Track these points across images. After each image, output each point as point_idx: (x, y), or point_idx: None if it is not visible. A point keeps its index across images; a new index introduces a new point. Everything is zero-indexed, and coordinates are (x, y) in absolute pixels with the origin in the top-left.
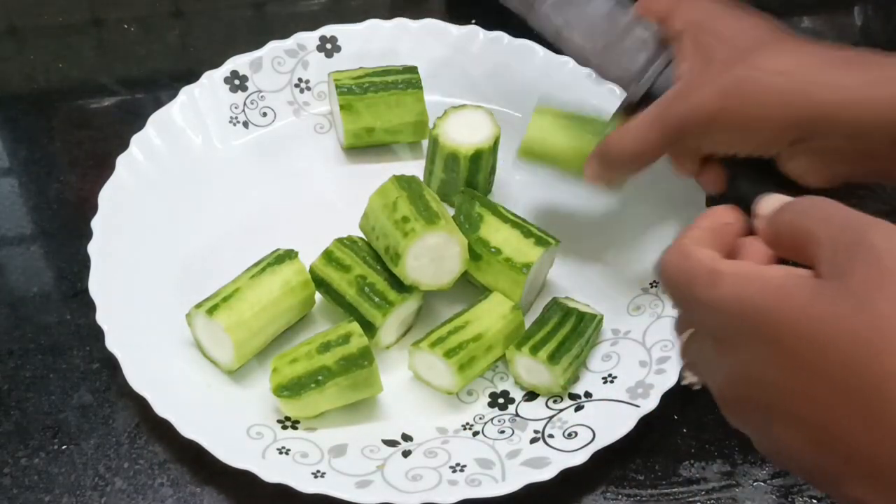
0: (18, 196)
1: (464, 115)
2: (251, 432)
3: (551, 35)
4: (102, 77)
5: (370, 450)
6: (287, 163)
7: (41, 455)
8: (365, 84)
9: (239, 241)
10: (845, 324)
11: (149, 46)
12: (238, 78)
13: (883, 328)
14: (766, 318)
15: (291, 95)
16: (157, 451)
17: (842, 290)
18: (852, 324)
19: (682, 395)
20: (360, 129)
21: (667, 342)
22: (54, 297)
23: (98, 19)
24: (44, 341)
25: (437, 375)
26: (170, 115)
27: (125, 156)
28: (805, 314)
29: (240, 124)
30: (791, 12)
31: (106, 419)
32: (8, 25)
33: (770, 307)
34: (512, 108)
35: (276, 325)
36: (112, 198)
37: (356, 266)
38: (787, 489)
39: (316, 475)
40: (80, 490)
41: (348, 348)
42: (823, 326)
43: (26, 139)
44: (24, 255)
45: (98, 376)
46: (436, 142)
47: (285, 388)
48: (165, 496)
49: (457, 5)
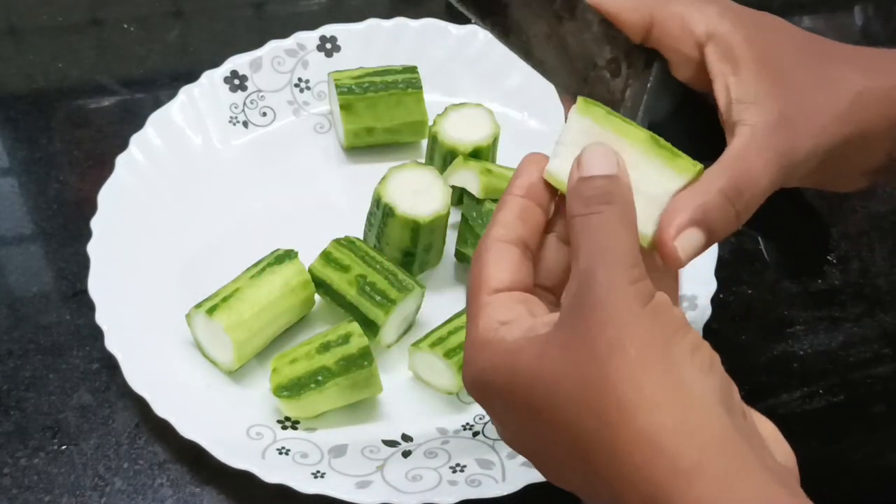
0: (18, 196)
1: (463, 113)
2: (251, 432)
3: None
4: (102, 77)
5: (370, 450)
6: (287, 163)
7: (41, 455)
8: (365, 84)
9: (239, 241)
10: (568, 384)
11: (149, 46)
12: (238, 78)
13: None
14: (505, 387)
15: (291, 95)
16: (157, 452)
17: (567, 345)
18: (574, 383)
19: None
20: (360, 129)
21: None
22: (54, 297)
23: (98, 19)
24: (43, 341)
25: (437, 375)
26: (169, 114)
27: (125, 156)
28: (535, 378)
29: (239, 124)
30: (791, 12)
31: (106, 419)
32: (8, 25)
33: (505, 375)
34: (512, 108)
35: (276, 326)
36: (112, 198)
37: (355, 266)
38: None
39: (316, 475)
40: (80, 490)
41: (348, 348)
42: (552, 387)
43: (26, 139)
44: (23, 255)
45: (98, 376)
46: (435, 139)
47: (285, 389)
48: (165, 496)
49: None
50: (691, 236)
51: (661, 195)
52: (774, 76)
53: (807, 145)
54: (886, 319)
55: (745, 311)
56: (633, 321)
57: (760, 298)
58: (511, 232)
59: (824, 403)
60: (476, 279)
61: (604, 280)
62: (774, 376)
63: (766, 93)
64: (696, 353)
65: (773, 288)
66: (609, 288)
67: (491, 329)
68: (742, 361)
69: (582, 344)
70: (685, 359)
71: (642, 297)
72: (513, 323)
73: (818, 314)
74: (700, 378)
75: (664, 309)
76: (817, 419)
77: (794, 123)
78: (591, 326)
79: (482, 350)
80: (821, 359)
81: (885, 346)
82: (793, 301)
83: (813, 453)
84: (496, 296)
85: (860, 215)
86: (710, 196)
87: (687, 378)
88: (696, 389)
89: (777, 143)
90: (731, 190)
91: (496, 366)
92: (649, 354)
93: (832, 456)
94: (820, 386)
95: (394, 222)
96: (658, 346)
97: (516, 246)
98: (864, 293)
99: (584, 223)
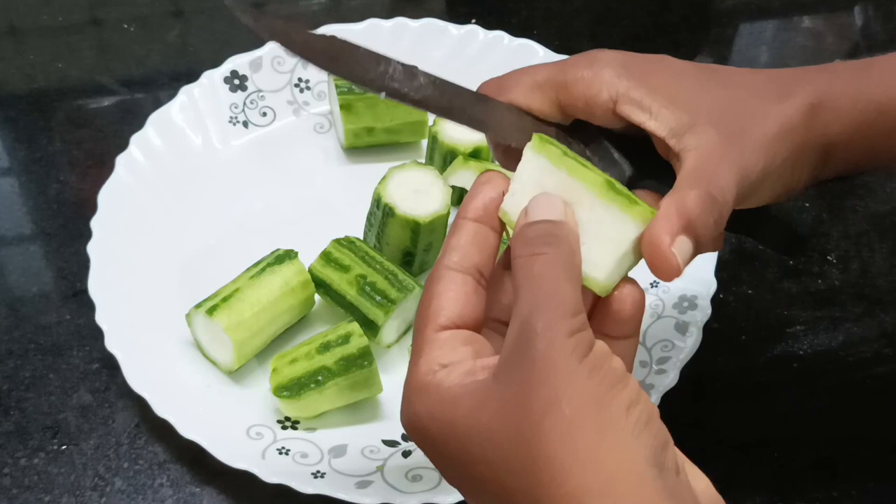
0: (18, 196)
1: None
2: (251, 432)
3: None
4: (102, 77)
5: (370, 450)
6: (287, 163)
7: (41, 455)
8: None
9: (239, 241)
10: (501, 440)
11: (148, 46)
12: (238, 78)
13: (531, 445)
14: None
15: (291, 95)
16: (157, 452)
17: (503, 399)
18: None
19: (682, 395)
20: (360, 129)
21: (667, 342)
22: (54, 297)
23: (97, 19)
24: (43, 341)
25: None
26: (169, 114)
27: (125, 155)
28: (470, 431)
29: (239, 124)
30: (791, 12)
31: (106, 419)
32: (8, 25)
33: (440, 424)
34: None
35: (276, 326)
36: (112, 198)
37: (355, 266)
38: (788, 490)
39: (316, 475)
40: (80, 490)
41: (348, 348)
42: (485, 442)
43: (26, 139)
44: (23, 255)
45: (98, 376)
46: (435, 139)
47: (285, 389)
48: (165, 496)
49: (457, 5)
50: (683, 244)
51: (616, 241)
52: (693, 109)
53: (757, 162)
54: (886, 319)
55: (745, 311)
56: (570, 378)
57: (760, 298)
58: (465, 259)
59: (824, 403)
60: (425, 310)
61: (543, 332)
62: (774, 376)
63: (694, 122)
64: (631, 409)
65: (773, 288)
66: (548, 341)
67: (430, 372)
68: (742, 361)
69: (518, 400)
70: (620, 417)
71: (581, 351)
72: (453, 366)
73: (818, 314)
74: (633, 438)
75: (602, 362)
76: (817, 419)
77: (736, 142)
78: (528, 382)
79: (420, 394)
80: (821, 359)
81: (885, 346)
82: (793, 301)
83: (813, 453)
84: (441, 333)
85: (860, 215)
86: (690, 203)
87: (620, 437)
88: (628, 449)
89: (731, 156)
90: (707, 197)
91: (432, 413)
92: (583, 414)
93: (832, 456)
94: (820, 386)
95: (394, 222)
96: (593, 405)
97: (469, 275)
98: (864, 293)
99: (527, 266)
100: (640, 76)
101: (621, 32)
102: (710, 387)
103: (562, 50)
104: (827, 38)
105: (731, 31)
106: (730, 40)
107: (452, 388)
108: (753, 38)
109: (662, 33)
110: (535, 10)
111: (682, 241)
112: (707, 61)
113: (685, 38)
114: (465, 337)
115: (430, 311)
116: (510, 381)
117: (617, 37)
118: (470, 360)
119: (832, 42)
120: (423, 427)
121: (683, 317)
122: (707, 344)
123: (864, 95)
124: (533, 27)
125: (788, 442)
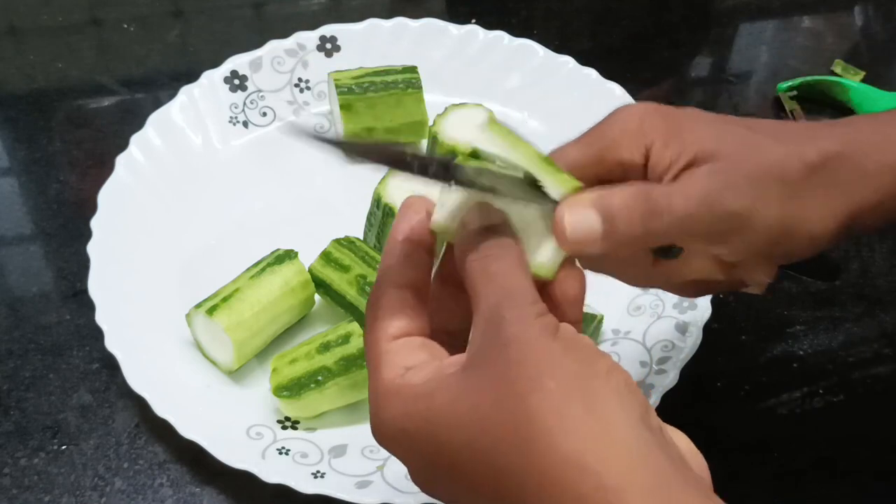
0: (18, 196)
1: (463, 113)
2: (251, 433)
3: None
4: (102, 77)
5: (370, 450)
6: (287, 163)
7: (41, 455)
8: (365, 84)
9: (239, 241)
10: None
11: (148, 46)
12: (238, 78)
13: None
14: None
15: (291, 95)
16: (157, 452)
17: (483, 385)
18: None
19: (682, 395)
20: (360, 129)
21: (667, 342)
22: (54, 297)
23: (97, 19)
24: (43, 341)
25: None
26: (169, 114)
27: (125, 155)
28: (452, 420)
29: (239, 124)
30: (791, 12)
31: (106, 419)
32: (8, 25)
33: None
34: (512, 108)
35: (276, 326)
36: (112, 198)
37: (355, 266)
38: (789, 489)
39: (316, 475)
40: (80, 490)
41: (348, 348)
42: (471, 428)
43: (26, 139)
44: (23, 255)
45: (98, 376)
46: (434, 139)
47: (285, 389)
48: (165, 496)
49: (457, 5)
50: (586, 216)
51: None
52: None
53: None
54: (886, 319)
55: (745, 311)
56: (548, 354)
57: (760, 298)
58: (401, 276)
59: (824, 403)
60: (372, 328)
61: (512, 318)
62: (774, 376)
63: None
64: (610, 376)
65: (773, 288)
66: (519, 325)
67: (397, 375)
68: (742, 361)
69: (500, 383)
70: (601, 384)
71: (551, 330)
72: (418, 367)
73: (818, 314)
74: (618, 400)
75: (573, 338)
76: (817, 419)
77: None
78: (506, 364)
79: (391, 398)
80: (821, 359)
81: (885, 346)
82: (793, 301)
83: (813, 453)
84: (396, 342)
85: None
86: (619, 190)
87: (606, 401)
88: (615, 411)
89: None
90: (643, 193)
91: (408, 412)
92: (568, 384)
93: (832, 456)
94: (820, 386)
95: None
96: (574, 376)
97: (408, 290)
98: (864, 293)
99: (481, 267)
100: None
101: (621, 32)
102: (710, 387)
103: (562, 50)
104: (827, 38)
105: (731, 31)
106: (730, 40)
107: (425, 383)
108: (753, 38)
109: (662, 33)
110: (535, 10)
111: (586, 214)
112: (707, 61)
113: (685, 38)
114: (419, 342)
115: (378, 325)
116: (486, 368)
117: (617, 37)
118: (432, 361)
119: (832, 42)
120: (401, 429)
121: (683, 317)
122: (707, 344)
123: (891, 157)
124: (533, 27)
125: (788, 442)
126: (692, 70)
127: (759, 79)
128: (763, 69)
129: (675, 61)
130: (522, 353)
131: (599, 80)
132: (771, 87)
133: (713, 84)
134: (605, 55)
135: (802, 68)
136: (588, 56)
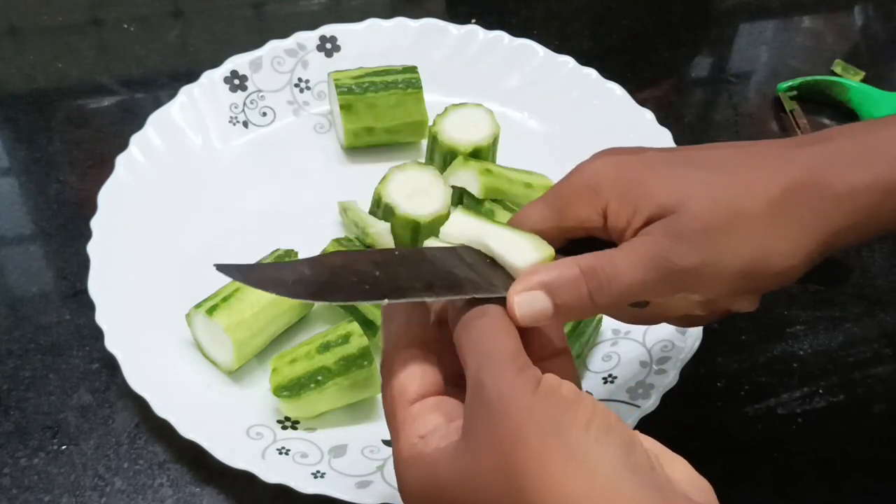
0: (18, 196)
1: (463, 113)
2: (251, 433)
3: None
4: (102, 77)
5: (370, 450)
6: (287, 163)
7: (41, 455)
8: (365, 84)
9: (239, 241)
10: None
11: (148, 46)
12: (238, 78)
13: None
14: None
15: (291, 95)
16: (157, 452)
17: (475, 449)
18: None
19: (682, 395)
20: (360, 128)
21: (667, 342)
22: (54, 297)
23: (97, 19)
24: (43, 341)
25: None
26: (169, 114)
27: (125, 155)
28: (454, 486)
29: (239, 124)
30: (791, 12)
31: (106, 419)
32: (8, 25)
33: (429, 489)
34: (512, 108)
35: (276, 326)
36: (112, 198)
37: None
38: (787, 490)
39: (316, 475)
40: (80, 490)
41: (348, 348)
42: (470, 491)
43: (26, 139)
44: (23, 255)
45: (98, 376)
46: (435, 139)
47: (285, 389)
48: (165, 496)
49: (457, 5)
50: (534, 298)
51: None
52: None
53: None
54: (886, 319)
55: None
56: (527, 412)
57: (761, 298)
58: (407, 336)
59: (824, 403)
60: (389, 393)
61: (490, 382)
62: (774, 376)
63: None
64: (590, 424)
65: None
66: (497, 389)
67: (412, 446)
68: (742, 361)
69: (487, 445)
70: (581, 433)
71: (530, 385)
72: (429, 436)
73: (818, 314)
74: (598, 447)
75: (553, 390)
76: (817, 419)
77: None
78: (491, 427)
79: (407, 468)
80: (821, 359)
81: (885, 346)
82: (793, 301)
83: (813, 453)
84: (412, 408)
85: None
86: (564, 268)
87: (586, 451)
88: (597, 459)
89: (653, 249)
90: (588, 270)
91: (420, 481)
92: (548, 438)
93: (832, 456)
94: (820, 386)
95: (394, 222)
96: (554, 428)
97: (417, 348)
98: (864, 293)
99: (465, 337)
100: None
101: (621, 32)
102: (710, 387)
103: (562, 50)
104: (827, 38)
105: (731, 31)
106: (730, 40)
107: (431, 454)
108: (753, 38)
109: (662, 33)
110: (535, 10)
111: (534, 296)
112: (707, 61)
113: (685, 38)
114: (433, 403)
115: (395, 391)
116: (475, 432)
117: (617, 37)
118: (443, 424)
119: (832, 42)
120: (418, 492)
121: None
122: (707, 344)
123: (866, 176)
124: (533, 27)
125: (788, 442)
126: (692, 70)
127: (759, 79)
128: (763, 69)
129: (675, 61)
130: (503, 413)
131: (599, 80)
132: (771, 87)
133: (713, 84)
134: (605, 55)
135: (802, 68)
136: (588, 56)
